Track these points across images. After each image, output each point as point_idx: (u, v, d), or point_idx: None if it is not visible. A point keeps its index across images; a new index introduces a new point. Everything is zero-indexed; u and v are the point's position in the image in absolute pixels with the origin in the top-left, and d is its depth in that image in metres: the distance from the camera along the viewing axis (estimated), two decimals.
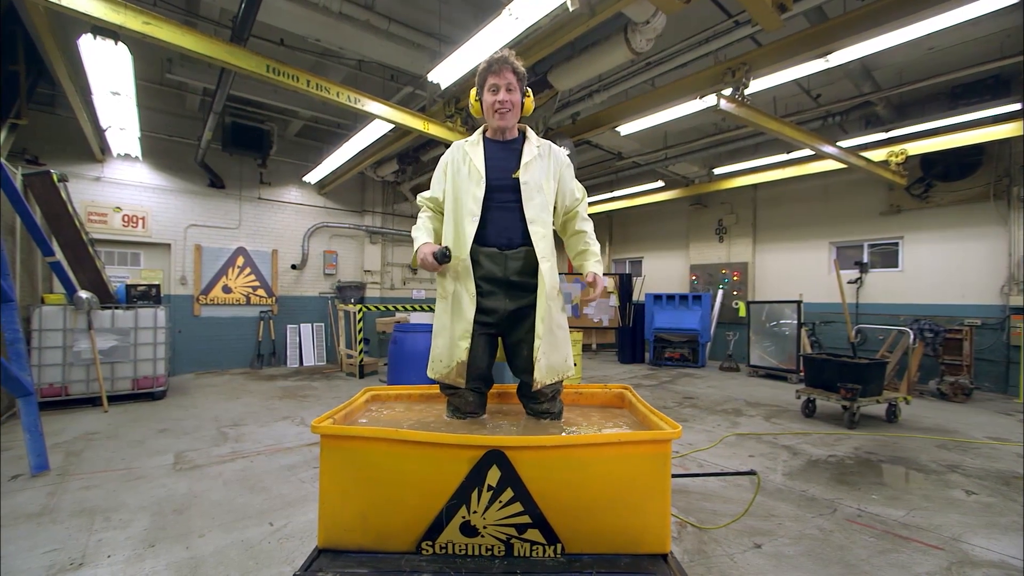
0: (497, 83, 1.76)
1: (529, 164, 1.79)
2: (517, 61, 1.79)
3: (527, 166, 1.79)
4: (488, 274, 1.79)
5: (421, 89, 6.02)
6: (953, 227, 7.02)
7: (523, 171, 1.78)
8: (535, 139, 1.87)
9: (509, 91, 1.77)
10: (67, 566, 2.15)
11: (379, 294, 9.85)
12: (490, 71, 1.77)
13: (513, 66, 1.77)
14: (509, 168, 1.80)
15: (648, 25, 3.91)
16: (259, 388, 6.46)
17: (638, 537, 1.47)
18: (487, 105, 1.81)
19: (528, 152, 1.81)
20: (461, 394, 1.84)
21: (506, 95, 1.77)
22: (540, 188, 1.78)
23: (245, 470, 3.36)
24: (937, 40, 5.27)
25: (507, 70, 1.76)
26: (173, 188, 7.57)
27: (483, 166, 1.79)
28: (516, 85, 1.78)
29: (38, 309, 4.95)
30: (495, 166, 1.80)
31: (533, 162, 1.80)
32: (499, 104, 1.77)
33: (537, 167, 1.81)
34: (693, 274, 10.21)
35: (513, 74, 1.76)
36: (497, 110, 1.78)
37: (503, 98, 1.76)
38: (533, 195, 1.77)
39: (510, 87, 1.77)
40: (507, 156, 1.83)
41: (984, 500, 2.98)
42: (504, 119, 1.80)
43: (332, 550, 1.50)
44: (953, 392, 6.03)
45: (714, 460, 3.63)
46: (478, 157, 1.81)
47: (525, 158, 1.80)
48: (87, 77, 4.43)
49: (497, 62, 1.76)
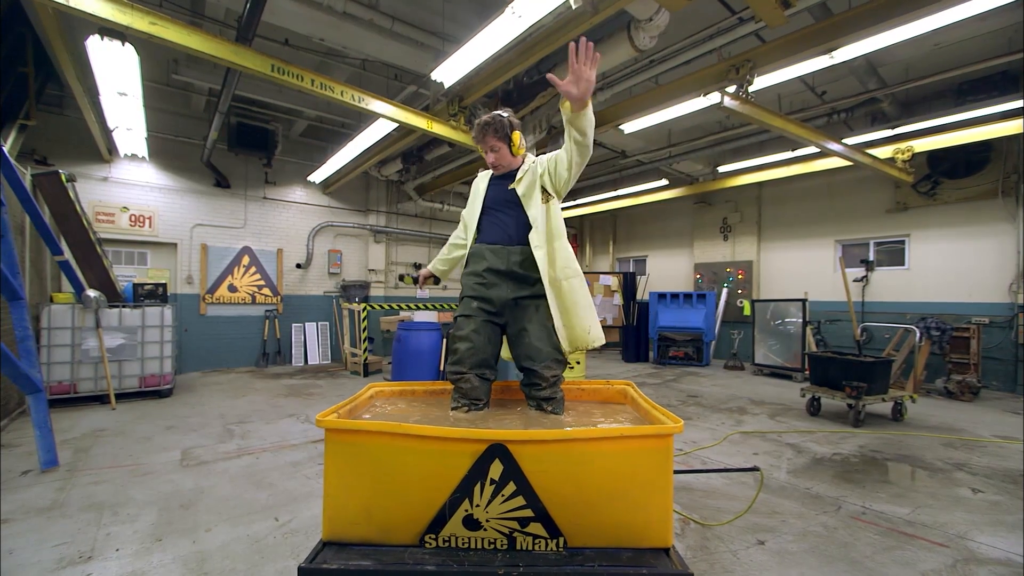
0: (483, 148, 2.10)
1: (522, 179, 2.08)
2: (495, 120, 2.02)
3: (520, 180, 2.08)
4: (492, 266, 2.04)
5: (425, 88, 6.02)
6: (960, 225, 6.96)
7: (518, 185, 2.08)
8: (528, 161, 2.15)
9: (494, 151, 2.07)
10: (76, 559, 2.18)
11: (383, 293, 9.87)
12: (476, 140, 2.10)
13: (493, 129, 2.02)
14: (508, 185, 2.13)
15: (651, 22, 3.90)
16: (265, 386, 6.51)
17: (640, 531, 1.47)
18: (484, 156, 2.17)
19: (521, 171, 2.11)
20: (467, 378, 1.96)
21: (492, 156, 2.09)
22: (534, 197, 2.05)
23: (251, 466, 3.39)
24: (944, 36, 5.22)
25: (488, 136, 2.04)
26: (179, 188, 7.63)
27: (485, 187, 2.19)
28: (499, 142, 2.05)
29: (47, 308, 5.01)
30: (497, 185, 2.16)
31: (525, 176, 2.08)
32: (490, 165, 2.14)
33: (528, 178, 2.08)
34: (697, 273, 10.17)
35: (494, 136, 2.03)
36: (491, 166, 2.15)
37: (491, 160, 2.11)
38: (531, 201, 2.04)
39: (493, 148, 2.06)
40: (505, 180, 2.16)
41: (990, 498, 2.96)
42: (495, 168, 2.15)
43: (336, 543, 1.52)
44: (960, 391, 5.98)
45: (718, 458, 3.63)
46: (483, 183, 2.21)
47: (519, 175, 2.09)
48: (95, 78, 4.48)
49: (478, 134, 2.06)
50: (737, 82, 4.56)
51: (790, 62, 4.41)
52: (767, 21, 3.69)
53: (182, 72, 6.12)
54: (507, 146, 2.08)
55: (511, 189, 2.08)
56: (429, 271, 2.41)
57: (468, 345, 1.98)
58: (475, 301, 2.04)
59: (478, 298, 2.04)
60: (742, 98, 4.71)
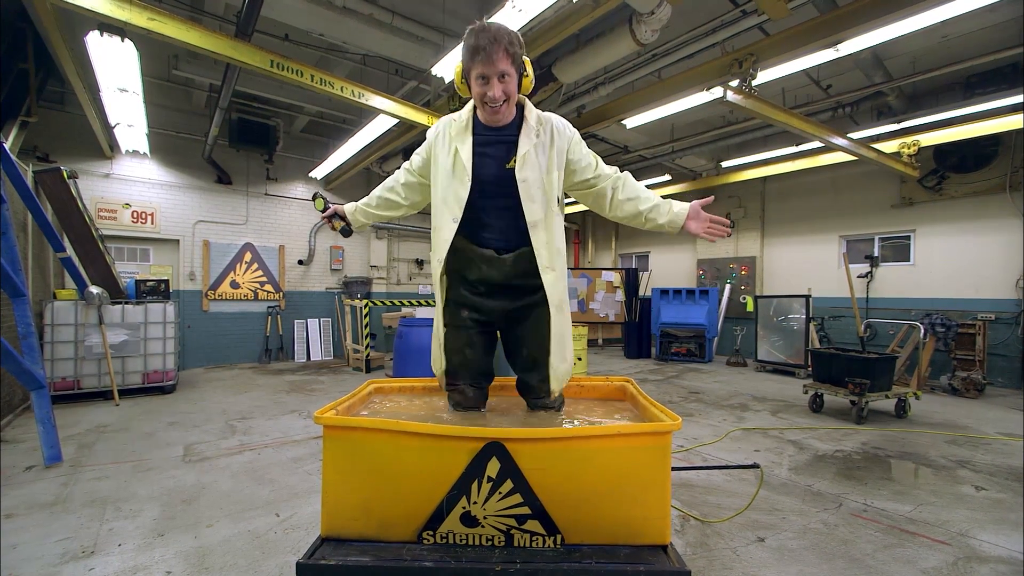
0: (487, 73, 1.41)
1: (527, 157, 1.50)
2: (511, 38, 1.42)
3: (524, 159, 1.50)
4: (485, 277, 1.62)
5: (425, 83, 6.00)
6: (967, 220, 6.89)
7: (519, 166, 1.50)
8: (534, 120, 1.54)
9: (502, 81, 1.43)
10: (79, 554, 2.20)
11: (385, 289, 9.89)
12: (477, 57, 1.41)
13: (507, 48, 1.40)
14: (503, 158, 1.53)
15: (653, 16, 3.87)
16: (267, 382, 6.54)
17: (638, 528, 1.47)
18: (476, 95, 1.48)
19: (525, 142, 1.51)
20: (461, 390, 1.75)
21: (498, 88, 1.43)
22: (541, 184, 1.53)
23: (252, 462, 3.41)
24: (951, 28, 5.15)
25: (499, 55, 1.39)
26: (181, 184, 7.65)
27: (470, 161, 1.51)
28: (511, 70, 1.43)
29: (50, 304, 5.04)
30: (486, 160, 1.53)
31: (531, 154, 1.51)
32: (491, 100, 1.44)
33: (536, 160, 1.52)
34: (700, 268, 10.13)
35: (507, 57, 1.40)
36: (488, 104, 1.46)
37: (495, 94, 1.43)
38: (534, 195, 1.51)
39: (503, 75, 1.42)
40: (501, 145, 1.54)
41: (994, 496, 2.94)
42: (496, 114, 1.49)
43: (335, 539, 1.52)
44: (965, 387, 5.94)
45: (719, 455, 3.62)
46: (465, 149, 1.51)
47: (521, 149, 1.50)
48: (95, 74, 4.48)
49: (487, 46, 1.38)
50: (740, 76, 4.51)
51: (794, 55, 4.36)
52: (769, 14, 3.65)
53: (182, 68, 6.12)
54: (518, 80, 1.48)
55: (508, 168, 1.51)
56: (345, 214, 1.90)
57: (461, 358, 1.71)
58: (465, 310, 1.68)
59: (469, 307, 1.68)
60: (745, 92, 4.66)
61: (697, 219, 1.61)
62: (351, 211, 1.93)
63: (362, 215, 1.92)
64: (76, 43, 4.40)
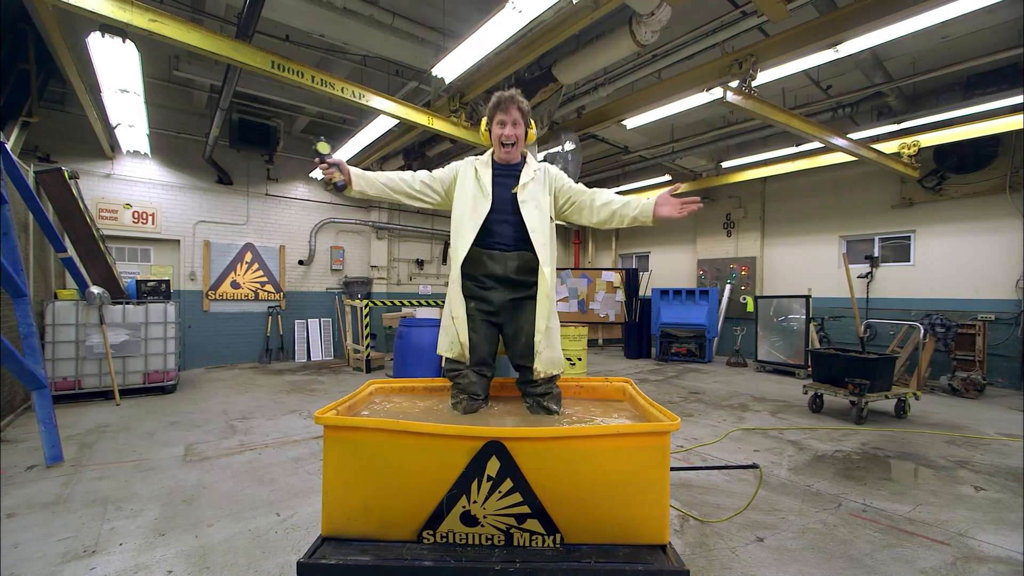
0: (504, 119, 2.00)
1: (526, 185, 2.03)
2: (523, 99, 2.03)
3: (524, 186, 2.03)
4: (490, 272, 2.04)
5: (426, 84, 6.01)
6: (967, 220, 6.89)
7: (521, 190, 2.03)
8: (533, 163, 2.12)
9: (515, 126, 2.01)
10: (81, 553, 2.21)
11: (385, 289, 9.90)
12: (499, 108, 2.00)
13: (519, 103, 2.00)
14: (511, 185, 2.06)
15: (653, 17, 3.87)
16: (267, 382, 6.55)
17: (637, 528, 1.47)
18: (495, 137, 2.06)
19: (525, 175, 2.05)
20: (465, 374, 1.99)
21: (511, 130, 2.01)
22: (538, 203, 2.03)
23: (253, 462, 3.41)
24: (952, 28, 5.15)
25: (513, 107, 1.99)
26: (182, 184, 7.65)
27: (490, 185, 2.04)
28: (521, 120, 2.02)
29: (51, 304, 5.04)
30: (500, 184, 2.06)
31: (530, 183, 2.04)
32: (505, 138, 2.01)
33: (533, 186, 2.05)
34: (700, 269, 10.13)
35: (518, 111, 2.00)
36: (503, 143, 2.03)
37: (509, 132, 2.01)
38: (531, 210, 2.01)
39: (516, 122, 2.01)
40: (510, 178, 2.08)
41: (993, 496, 2.94)
42: (509, 153, 2.05)
43: (335, 538, 1.52)
44: (965, 388, 5.94)
45: (719, 455, 3.62)
46: (487, 177, 2.05)
47: (523, 180, 2.04)
48: (96, 75, 4.48)
49: (505, 100, 1.99)
50: (740, 77, 4.52)
51: (794, 56, 4.36)
52: (769, 15, 3.65)
53: (183, 68, 6.12)
54: (524, 133, 2.05)
55: (513, 193, 2.02)
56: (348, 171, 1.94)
57: (468, 342, 1.99)
58: (472, 301, 2.04)
59: (475, 299, 2.04)
60: (745, 93, 4.66)
61: (667, 204, 1.92)
62: (356, 173, 2.00)
63: (364, 181, 2.01)
64: (77, 44, 4.41)
